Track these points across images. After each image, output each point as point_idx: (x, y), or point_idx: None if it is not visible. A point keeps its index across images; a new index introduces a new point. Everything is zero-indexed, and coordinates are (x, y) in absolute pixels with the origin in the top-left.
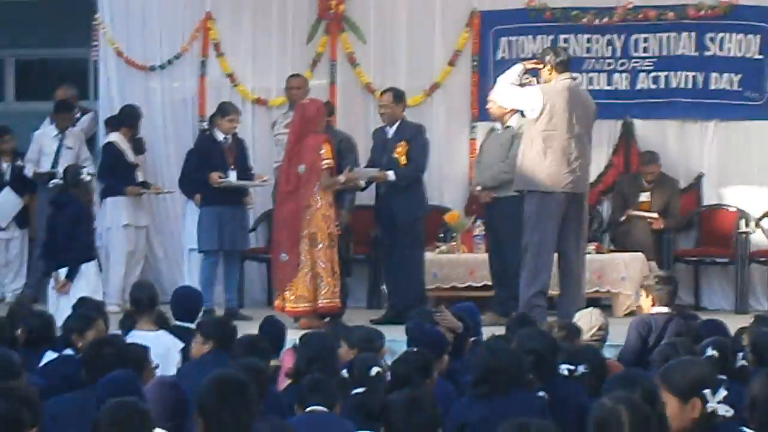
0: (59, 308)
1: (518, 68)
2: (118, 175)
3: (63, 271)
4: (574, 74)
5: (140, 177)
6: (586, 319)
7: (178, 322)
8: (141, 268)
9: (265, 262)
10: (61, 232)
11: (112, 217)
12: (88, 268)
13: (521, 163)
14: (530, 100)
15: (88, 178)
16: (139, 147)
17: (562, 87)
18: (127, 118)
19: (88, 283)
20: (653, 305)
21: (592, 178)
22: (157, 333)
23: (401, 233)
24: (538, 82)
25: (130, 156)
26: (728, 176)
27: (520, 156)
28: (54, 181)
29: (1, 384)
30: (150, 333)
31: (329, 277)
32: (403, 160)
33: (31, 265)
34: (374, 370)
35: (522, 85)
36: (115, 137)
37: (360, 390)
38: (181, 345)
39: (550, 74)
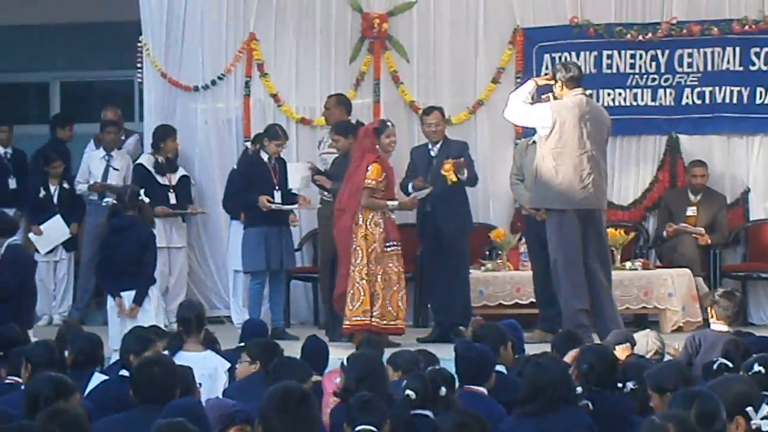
0: (124, 331)
1: (530, 85)
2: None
3: (127, 295)
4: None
5: (172, 198)
6: (643, 342)
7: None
8: (185, 289)
9: (310, 281)
10: (126, 257)
11: None
12: (152, 292)
13: (535, 181)
14: (540, 118)
15: (147, 199)
16: (170, 166)
17: (572, 103)
18: (154, 139)
19: (152, 306)
20: (714, 321)
21: (638, 194)
22: (204, 354)
23: (447, 251)
24: (555, 98)
25: (160, 177)
26: None
27: (534, 173)
28: (107, 199)
29: (53, 406)
30: (197, 354)
31: (368, 296)
32: (452, 176)
33: (77, 287)
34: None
35: (541, 101)
36: (144, 159)
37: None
38: (228, 365)
39: (562, 90)
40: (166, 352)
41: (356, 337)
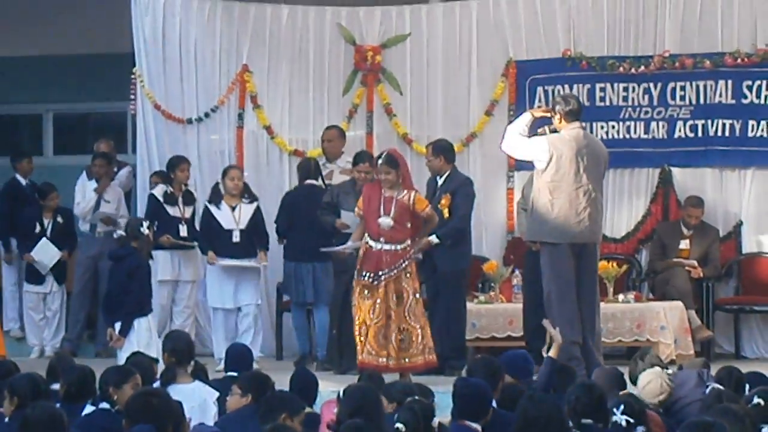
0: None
1: (526, 117)
2: (158, 226)
3: (119, 326)
4: (607, 122)
5: (183, 230)
6: (655, 385)
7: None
8: (192, 324)
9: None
10: (117, 286)
11: (154, 271)
12: (140, 324)
13: (531, 214)
14: (537, 151)
15: (147, 231)
16: (186, 199)
17: (569, 137)
18: (166, 170)
19: (139, 338)
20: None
21: (631, 226)
22: (192, 385)
23: (444, 285)
24: (552, 131)
25: (170, 208)
26: (767, 223)
27: (530, 206)
28: (119, 232)
29: None
30: (187, 386)
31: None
32: (446, 212)
33: (69, 318)
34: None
35: (539, 134)
36: (157, 189)
37: None
38: (216, 394)
39: (560, 123)
40: (157, 384)
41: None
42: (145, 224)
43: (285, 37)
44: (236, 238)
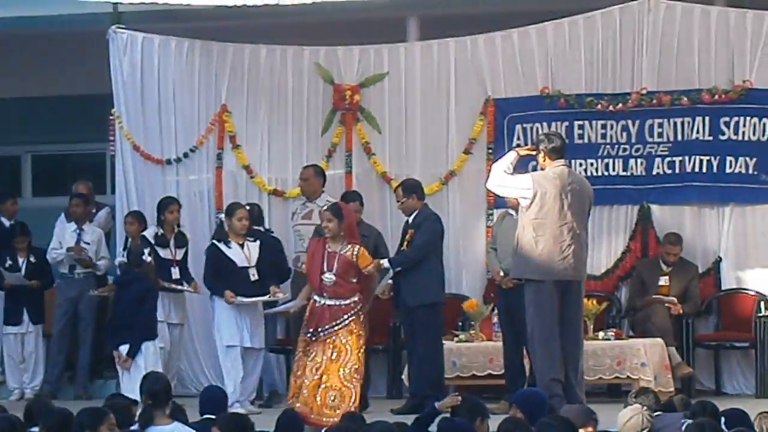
0: (126, 382)
1: (512, 156)
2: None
3: (124, 348)
4: (593, 159)
5: (175, 273)
6: (636, 422)
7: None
8: (178, 364)
9: (284, 353)
10: (124, 310)
11: None
12: (147, 348)
13: (516, 251)
14: (521, 188)
15: (149, 259)
16: (178, 241)
17: (553, 174)
18: (156, 212)
19: (146, 361)
20: None
21: (610, 263)
22: (171, 427)
23: (418, 321)
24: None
25: (162, 250)
26: (746, 260)
27: (515, 243)
28: (119, 259)
29: None
30: (166, 427)
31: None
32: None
33: (48, 361)
34: None
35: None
36: (148, 231)
37: None
38: None
39: (544, 161)
40: (136, 427)
41: None
42: (146, 251)
43: (263, 77)
44: (254, 276)
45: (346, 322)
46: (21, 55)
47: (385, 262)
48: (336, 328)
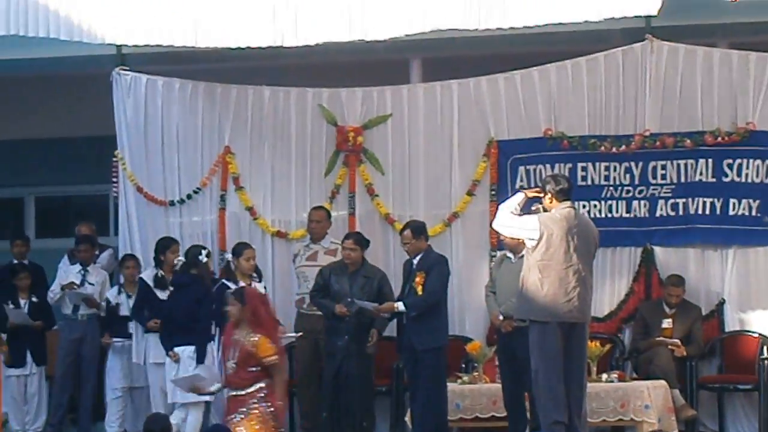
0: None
1: (519, 197)
2: (147, 310)
3: (179, 350)
4: (593, 201)
5: None
6: None
7: None
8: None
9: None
10: (184, 313)
11: (145, 354)
12: (184, 351)
13: (521, 292)
14: (528, 229)
15: (205, 259)
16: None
17: (560, 216)
18: (155, 253)
19: (184, 366)
20: None
21: (613, 305)
22: None
23: (423, 364)
24: (544, 210)
25: (160, 292)
26: (750, 302)
27: (520, 284)
28: (179, 258)
29: None
30: None
31: None
32: (419, 290)
33: (51, 402)
34: None
35: (530, 212)
36: (146, 273)
37: None
38: None
39: (551, 203)
40: None
41: None
42: (204, 252)
43: (267, 119)
44: None
45: (248, 412)
46: (24, 97)
47: (400, 306)
48: (237, 419)
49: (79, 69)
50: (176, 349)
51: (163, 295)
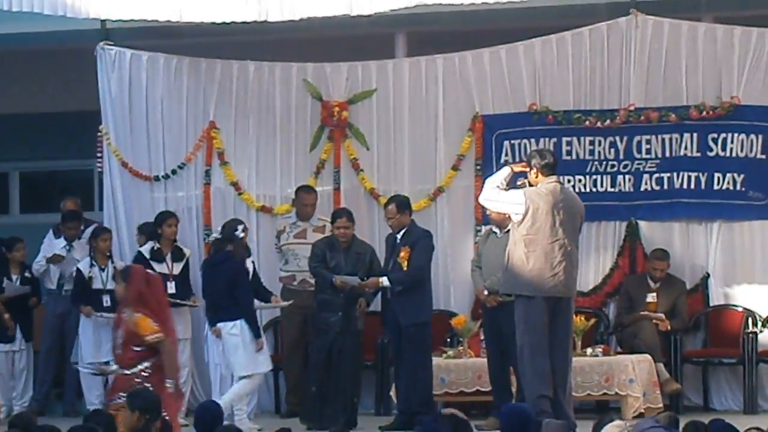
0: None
1: (505, 171)
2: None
3: (221, 325)
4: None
5: (171, 287)
6: None
7: None
8: (188, 383)
9: (272, 370)
10: (218, 291)
11: None
12: (226, 326)
13: (507, 267)
14: (514, 204)
15: (242, 234)
16: (176, 255)
17: (546, 191)
18: (153, 227)
19: (244, 339)
20: None
21: (598, 280)
22: None
23: (408, 338)
24: (530, 184)
25: (158, 265)
26: (734, 276)
27: (506, 259)
28: (213, 235)
29: None
30: None
31: None
32: (404, 265)
33: (36, 378)
34: None
35: (516, 187)
36: (145, 247)
37: None
38: None
39: (537, 177)
40: None
41: None
42: (240, 227)
43: (252, 94)
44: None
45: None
46: (8, 72)
47: (384, 281)
48: (118, 400)
49: (63, 43)
50: (218, 325)
51: (159, 267)
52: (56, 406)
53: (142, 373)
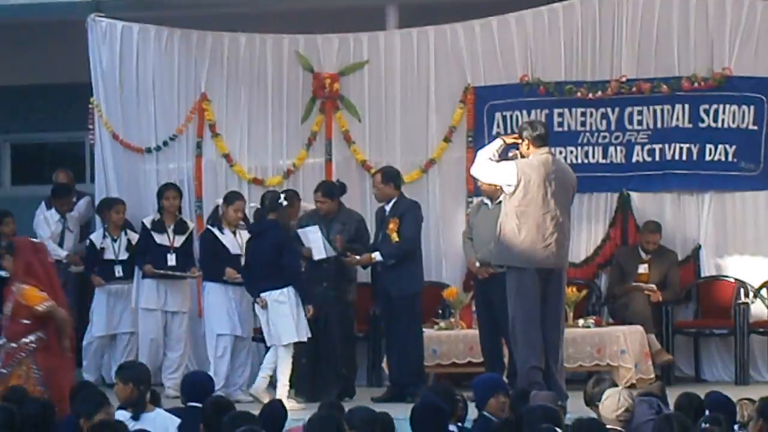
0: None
1: (497, 143)
2: (146, 256)
3: (267, 294)
4: (570, 147)
5: (172, 259)
6: (613, 400)
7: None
8: (185, 357)
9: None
10: (263, 260)
11: (138, 300)
12: (271, 295)
13: (499, 238)
14: (505, 176)
15: (285, 203)
16: (178, 228)
17: (537, 162)
18: (157, 198)
19: (291, 307)
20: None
21: (590, 251)
22: (154, 413)
23: (398, 310)
24: (521, 156)
25: (158, 236)
26: (726, 247)
27: (497, 230)
28: (252, 204)
29: None
30: (149, 414)
31: None
32: (394, 236)
33: None
34: None
35: (508, 159)
36: (148, 218)
37: None
38: (178, 421)
39: (528, 149)
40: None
41: None
42: (282, 196)
43: (243, 66)
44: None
45: (11, 371)
46: (0, 44)
47: (377, 256)
48: (8, 370)
49: (54, 15)
50: (262, 295)
51: (160, 239)
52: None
53: (27, 347)
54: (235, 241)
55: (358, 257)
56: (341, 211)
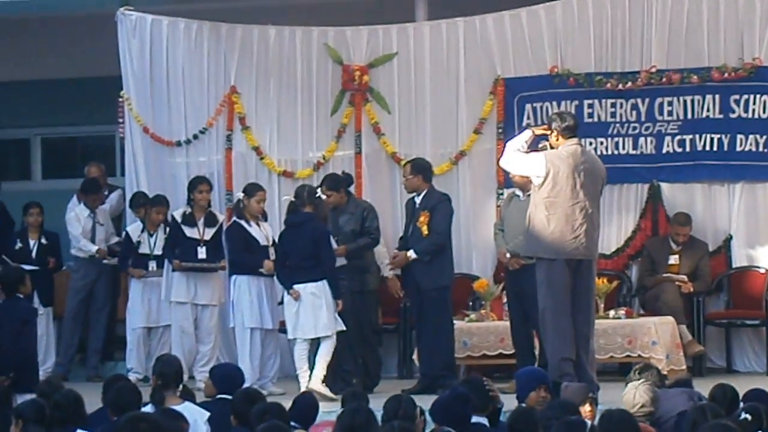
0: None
1: (526, 134)
2: (176, 250)
3: (301, 287)
4: (598, 138)
5: (201, 252)
6: (630, 396)
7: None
8: (215, 350)
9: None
10: (300, 252)
11: (167, 292)
12: (306, 288)
13: (528, 229)
14: (534, 167)
15: (324, 197)
16: (209, 221)
17: (566, 153)
18: (187, 192)
19: (327, 301)
20: None
21: (620, 242)
22: (182, 406)
23: (428, 303)
24: (551, 147)
25: (188, 230)
26: (757, 237)
27: (527, 221)
28: (285, 197)
29: None
30: (177, 407)
31: None
32: (425, 229)
33: (61, 342)
34: None
35: (537, 150)
36: (177, 212)
37: None
38: (207, 415)
39: (557, 140)
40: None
41: None
42: (319, 189)
43: (272, 58)
44: (273, 254)
45: None
46: (30, 38)
47: (412, 254)
48: None
49: (84, 9)
50: (296, 287)
51: (190, 232)
52: (79, 371)
53: None
54: (261, 232)
55: (395, 258)
56: (349, 202)
